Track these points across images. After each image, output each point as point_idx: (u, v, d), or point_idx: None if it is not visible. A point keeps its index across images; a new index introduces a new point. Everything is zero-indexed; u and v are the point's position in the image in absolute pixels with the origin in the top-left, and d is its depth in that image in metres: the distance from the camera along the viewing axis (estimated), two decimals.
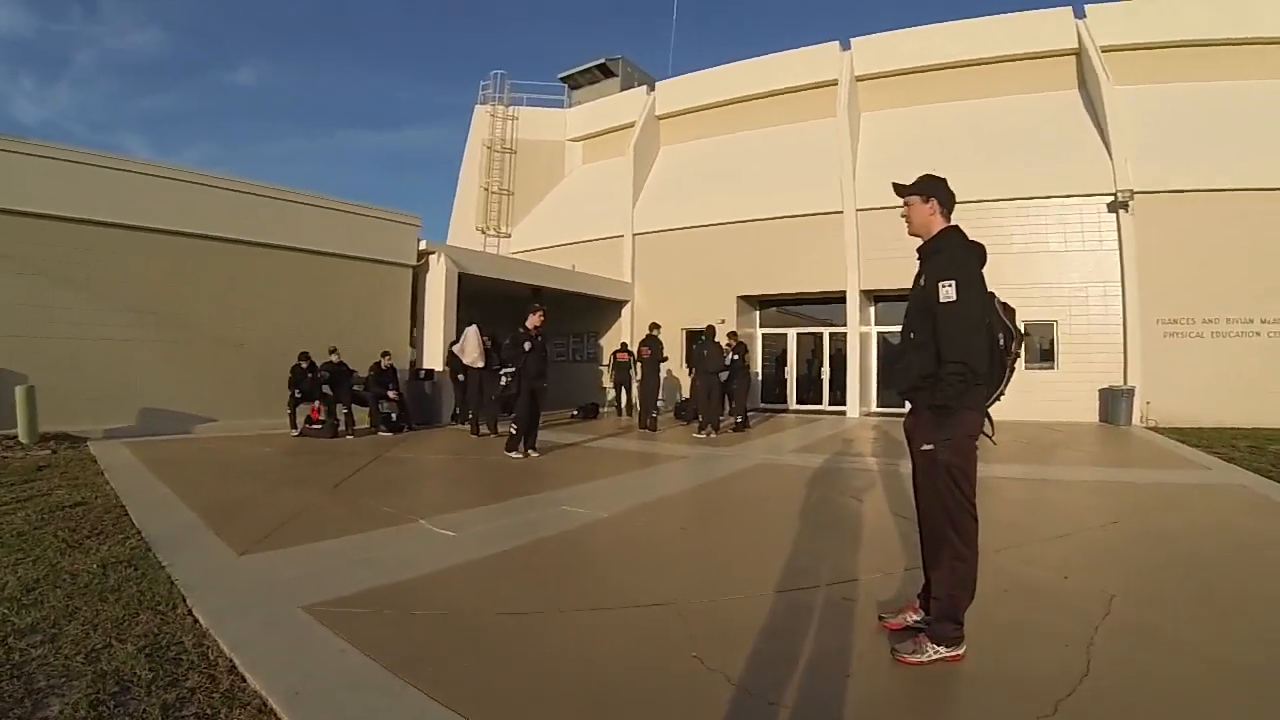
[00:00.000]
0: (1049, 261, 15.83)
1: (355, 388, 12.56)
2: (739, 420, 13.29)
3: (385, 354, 12.96)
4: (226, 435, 11.36)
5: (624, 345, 17.82)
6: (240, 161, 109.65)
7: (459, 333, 13.23)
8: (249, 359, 12.50)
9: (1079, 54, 16.99)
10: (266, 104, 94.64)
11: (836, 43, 19.51)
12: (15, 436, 9.23)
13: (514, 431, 9.17)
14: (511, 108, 24.94)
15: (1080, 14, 16.99)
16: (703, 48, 79.95)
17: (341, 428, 11.95)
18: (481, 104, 25.18)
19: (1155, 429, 13.86)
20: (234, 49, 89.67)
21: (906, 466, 3.45)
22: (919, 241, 3.30)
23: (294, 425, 11.89)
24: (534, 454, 9.27)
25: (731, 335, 13.77)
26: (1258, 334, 14.40)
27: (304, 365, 12.08)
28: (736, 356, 13.18)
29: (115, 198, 11.04)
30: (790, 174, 18.77)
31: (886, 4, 77.88)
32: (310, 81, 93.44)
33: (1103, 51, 16.28)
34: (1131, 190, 14.90)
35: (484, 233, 24.10)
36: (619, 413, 17.32)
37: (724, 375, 12.87)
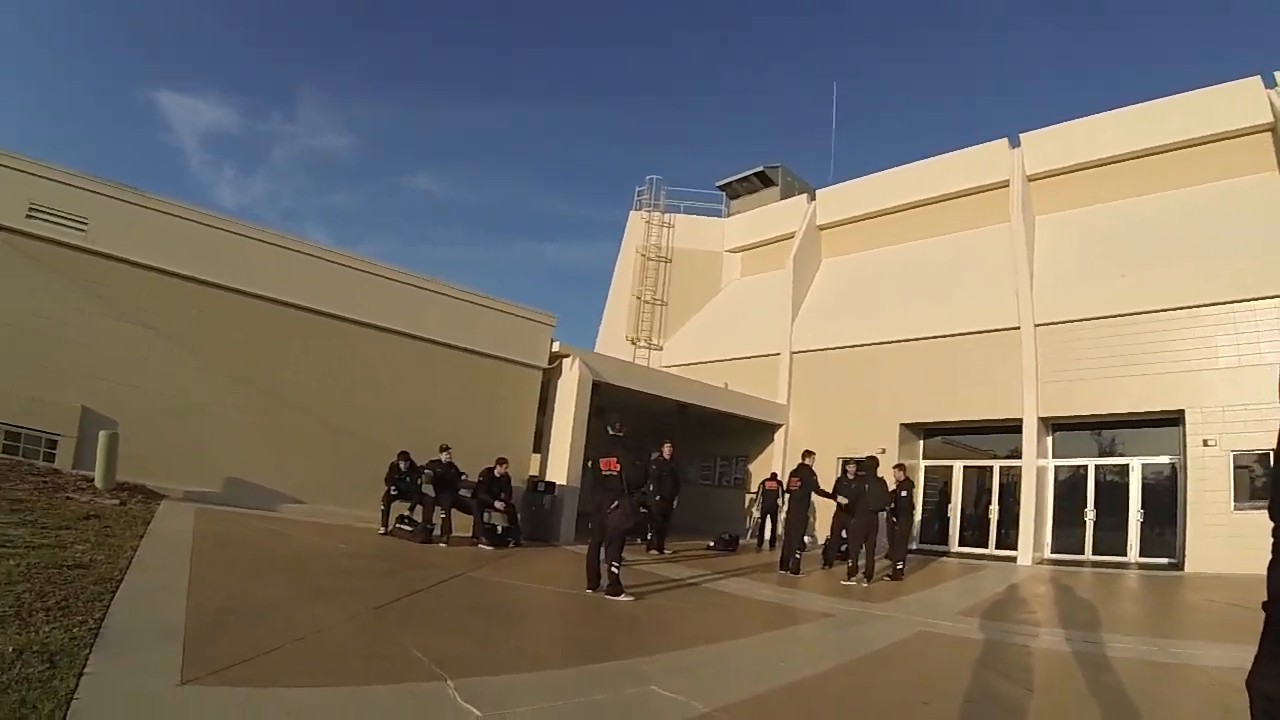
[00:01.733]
0: (1263, 377, 12.40)
1: (462, 492, 11.45)
2: (897, 566, 10.74)
3: (501, 460, 11.78)
4: (310, 521, 10.46)
5: (774, 474, 15.84)
6: (414, 261, 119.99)
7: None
8: (348, 445, 11.71)
9: (1275, 129, 14.13)
10: (441, 210, 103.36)
11: (1005, 140, 17.58)
12: (92, 480, 8.77)
13: (615, 571, 7.45)
14: (668, 215, 24.55)
15: (1271, 83, 14.16)
16: (864, 154, 79.06)
17: (437, 533, 10.77)
18: (636, 209, 24.89)
19: None
20: (414, 157, 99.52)
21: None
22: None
23: (385, 524, 10.85)
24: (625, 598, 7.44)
25: (899, 468, 11.55)
26: None
27: (403, 466, 11.15)
28: (905, 493, 10.90)
29: (222, 259, 10.88)
30: (960, 287, 16.68)
31: (1058, 95, 73.87)
32: (483, 191, 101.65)
33: None
34: None
35: (634, 344, 23.23)
36: (759, 545, 15.43)
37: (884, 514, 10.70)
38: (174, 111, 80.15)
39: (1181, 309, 13.45)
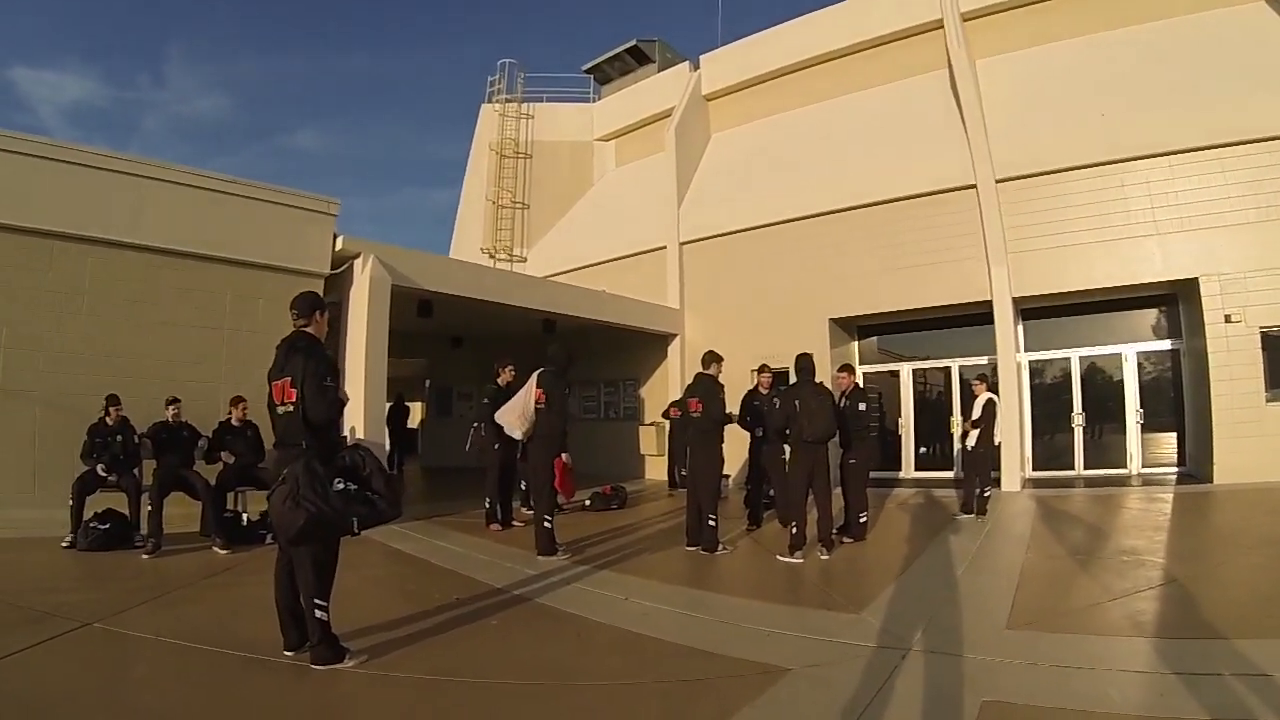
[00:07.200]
0: None
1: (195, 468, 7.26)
2: (860, 520, 7.15)
3: (237, 401, 7.56)
4: None
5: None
6: None
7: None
8: (28, 415, 7.32)
9: None
10: (325, 166, 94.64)
11: None
12: None
13: (320, 615, 3.56)
14: (527, 104, 19.97)
15: None
16: (753, 26, 73.77)
17: (143, 533, 6.65)
18: (489, 103, 20.23)
19: None
20: (292, 114, 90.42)
21: None
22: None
23: (75, 527, 6.58)
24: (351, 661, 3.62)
25: (846, 370, 7.71)
26: None
27: (108, 420, 6.93)
28: (864, 406, 7.23)
29: None
30: (891, 146, 13.14)
31: None
32: (367, 142, 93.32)
33: None
34: None
35: (492, 256, 18.86)
36: (672, 486, 12.27)
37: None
38: (32, 88, 69.04)
39: (1186, 151, 10.45)
